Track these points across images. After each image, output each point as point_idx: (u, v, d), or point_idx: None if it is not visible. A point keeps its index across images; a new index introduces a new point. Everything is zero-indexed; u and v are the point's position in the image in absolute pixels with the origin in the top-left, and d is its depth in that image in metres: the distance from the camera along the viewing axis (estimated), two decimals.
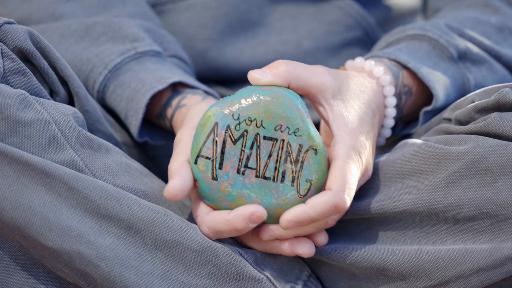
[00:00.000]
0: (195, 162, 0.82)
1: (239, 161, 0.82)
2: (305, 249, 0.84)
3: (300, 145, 0.83)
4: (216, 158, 0.82)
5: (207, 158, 0.82)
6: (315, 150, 0.83)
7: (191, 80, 0.97)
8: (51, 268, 0.81)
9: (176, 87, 0.97)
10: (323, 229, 0.85)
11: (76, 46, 1.00)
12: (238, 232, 0.81)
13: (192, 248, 0.81)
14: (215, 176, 0.82)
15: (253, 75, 0.83)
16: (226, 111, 0.82)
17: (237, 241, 0.87)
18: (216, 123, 0.82)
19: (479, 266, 0.81)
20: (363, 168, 0.84)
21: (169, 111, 0.95)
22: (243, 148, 0.82)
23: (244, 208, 0.81)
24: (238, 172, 0.82)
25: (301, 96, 0.86)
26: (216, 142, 0.82)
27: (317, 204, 0.80)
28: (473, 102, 0.88)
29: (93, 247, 0.78)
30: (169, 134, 1.02)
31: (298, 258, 0.90)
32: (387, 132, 0.93)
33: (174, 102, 0.95)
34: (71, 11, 1.04)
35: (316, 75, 0.84)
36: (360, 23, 1.14)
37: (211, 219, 0.82)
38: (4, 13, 1.07)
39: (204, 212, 0.83)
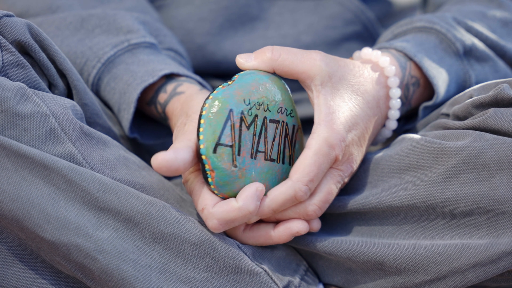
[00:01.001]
0: (214, 151, 0.81)
1: (252, 146, 0.83)
2: (300, 226, 0.84)
3: (293, 125, 0.86)
4: (235, 144, 0.82)
5: (227, 145, 0.81)
6: (301, 129, 0.87)
7: (184, 71, 0.97)
8: (49, 261, 0.81)
9: (170, 75, 0.97)
10: (308, 217, 0.85)
11: (71, 38, 1.00)
12: (251, 215, 0.81)
13: (190, 241, 0.81)
14: (235, 163, 0.82)
15: (239, 59, 0.84)
16: (238, 97, 0.82)
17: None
18: (231, 110, 0.82)
19: (475, 261, 0.81)
20: (340, 161, 0.84)
21: (163, 97, 0.94)
22: (254, 133, 0.83)
23: (248, 189, 0.81)
24: (251, 156, 0.83)
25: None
26: (234, 128, 0.82)
27: (277, 195, 0.82)
28: (471, 97, 0.88)
29: (91, 239, 0.79)
30: (160, 133, 1.02)
31: (296, 253, 0.91)
32: (393, 124, 0.93)
33: (169, 88, 0.95)
34: (68, 4, 1.04)
35: (303, 61, 0.84)
36: (359, 17, 1.14)
37: (221, 210, 0.81)
38: (3, 7, 1.07)
39: (210, 205, 0.82)
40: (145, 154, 1.01)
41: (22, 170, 0.78)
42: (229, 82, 0.83)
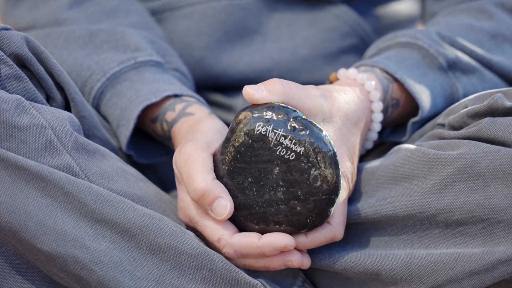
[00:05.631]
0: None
1: None
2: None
3: None
4: None
5: None
6: None
7: (189, 93, 0.97)
8: (46, 272, 0.81)
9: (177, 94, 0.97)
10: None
11: (79, 52, 1.00)
12: (264, 256, 0.82)
13: (187, 252, 0.82)
14: None
15: (248, 90, 0.83)
16: None
17: None
18: None
19: (471, 270, 0.81)
20: (349, 192, 0.86)
21: (171, 115, 0.95)
22: None
23: (277, 238, 0.82)
24: None
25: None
26: None
27: (318, 237, 0.83)
28: (466, 107, 0.88)
29: (88, 251, 0.79)
30: (153, 154, 1.02)
31: None
32: (369, 144, 0.95)
33: (178, 107, 0.95)
34: (74, 17, 1.05)
35: (310, 98, 0.85)
36: (356, 30, 1.15)
37: (239, 243, 0.82)
38: (11, 22, 1.08)
39: (228, 234, 0.83)
40: (143, 166, 1.02)
41: (19, 182, 0.78)
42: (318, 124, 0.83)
